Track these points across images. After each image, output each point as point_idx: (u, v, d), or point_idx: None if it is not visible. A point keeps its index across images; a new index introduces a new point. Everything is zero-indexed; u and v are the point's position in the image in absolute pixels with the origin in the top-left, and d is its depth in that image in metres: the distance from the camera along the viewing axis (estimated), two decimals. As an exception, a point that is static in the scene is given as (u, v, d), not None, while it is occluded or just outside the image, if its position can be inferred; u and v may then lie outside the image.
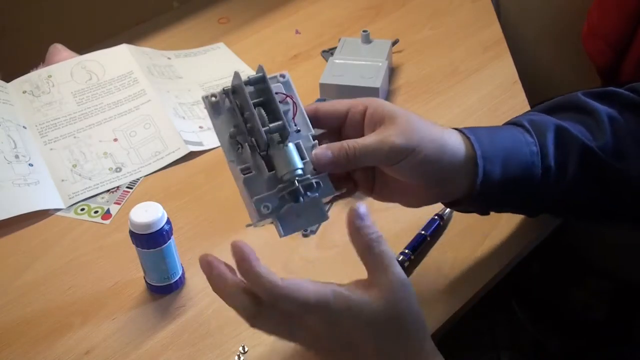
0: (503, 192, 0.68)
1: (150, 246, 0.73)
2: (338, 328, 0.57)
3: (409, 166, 0.62)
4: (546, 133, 0.69)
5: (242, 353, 0.72)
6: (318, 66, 1.10)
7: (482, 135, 0.67)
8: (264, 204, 0.61)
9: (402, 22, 1.22)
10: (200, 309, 0.77)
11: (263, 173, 0.61)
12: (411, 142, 0.61)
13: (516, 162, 0.67)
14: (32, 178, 0.92)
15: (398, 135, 0.61)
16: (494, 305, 1.08)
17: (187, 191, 0.92)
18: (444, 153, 0.64)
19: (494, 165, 0.66)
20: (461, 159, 0.65)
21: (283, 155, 0.60)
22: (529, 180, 0.68)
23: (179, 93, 1.07)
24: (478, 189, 0.66)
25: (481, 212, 0.74)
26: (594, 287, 1.13)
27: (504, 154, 0.67)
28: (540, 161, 0.68)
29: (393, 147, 0.61)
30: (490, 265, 0.80)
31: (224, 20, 1.27)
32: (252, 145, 0.61)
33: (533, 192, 0.69)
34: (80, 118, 1.01)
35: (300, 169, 0.60)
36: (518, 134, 0.69)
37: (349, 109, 0.65)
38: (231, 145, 0.62)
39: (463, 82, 1.07)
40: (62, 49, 1.09)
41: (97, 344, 0.74)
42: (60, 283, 0.81)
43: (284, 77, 0.65)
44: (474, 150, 0.65)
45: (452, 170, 0.65)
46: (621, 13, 1.20)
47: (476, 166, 0.65)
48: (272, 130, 0.60)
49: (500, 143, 0.67)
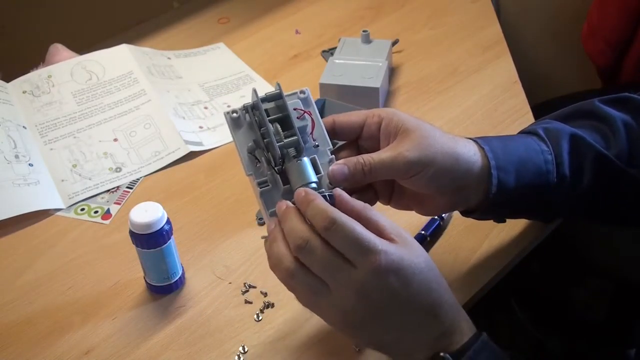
0: (517, 200, 0.69)
1: (150, 246, 0.73)
2: (387, 280, 0.56)
3: (424, 179, 0.64)
4: (561, 141, 0.70)
5: (242, 353, 0.72)
6: (318, 66, 1.10)
7: (495, 145, 0.68)
8: None
9: (402, 22, 1.22)
10: (200, 309, 0.77)
11: (279, 186, 0.63)
12: (425, 157, 0.63)
13: (530, 170, 0.68)
14: (32, 178, 0.92)
15: (412, 150, 0.63)
16: (494, 305, 1.09)
17: (187, 191, 0.92)
18: (458, 165, 0.65)
19: (508, 174, 0.67)
20: (475, 169, 0.66)
21: (297, 169, 0.62)
22: (543, 188, 0.69)
23: (179, 93, 1.07)
24: (492, 198, 0.67)
25: (497, 220, 0.75)
26: (594, 287, 1.13)
27: (518, 163, 0.68)
28: (556, 169, 0.69)
29: (407, 163, 0.63)
30: (490, 265, 0.80)
31: (224, 20, 1.27)
32: (268, 160, 0.63)
33: (548, 200, 0.70)
34: (80, 118, 1.01)
35: (315, 182, 0.62)
36: (532, 142, 0.70)
37: (364, 120, 0.67)
38: (250, 160, 0.65)
39: (463, 82, 1.07)
40: (62, 49, 1.09)
41: (97, 344, 0.74)
42: (60, 283, 0.81)
43: (304, 94, 0.67)
44: (488, 160, 0.66)
45: (466, 180, 0.66)
46: (621, 13, 1.20)
47: (490, 176, 0.66)
48: (286, 145, 0.63)
49: (514, 152, 0.68)
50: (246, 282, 0.79)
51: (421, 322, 0.58)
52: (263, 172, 0.64)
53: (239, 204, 0.90)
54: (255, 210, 0.87)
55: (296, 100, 0.66)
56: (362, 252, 0.56)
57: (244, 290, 0.78)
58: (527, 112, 0.99)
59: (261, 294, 0.77)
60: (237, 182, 0.93)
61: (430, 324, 0.58)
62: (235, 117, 0.65)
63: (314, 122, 0.66)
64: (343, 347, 0.71)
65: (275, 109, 0.65)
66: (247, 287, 0.78)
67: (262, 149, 0.64)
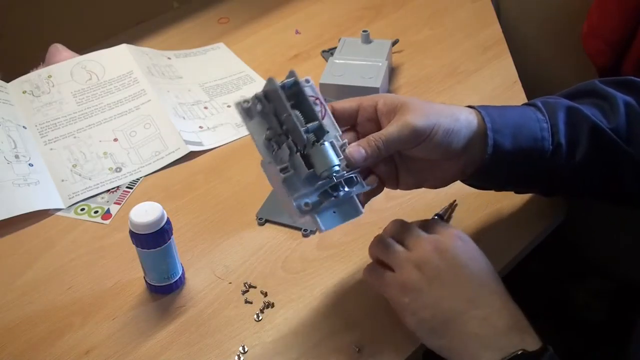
0: (513, 163, 0.71)
1: (150, 246, 0.73)
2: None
3: (433, 142, 0.67)
4: (557, 112, 0.72)
5: (242, 353, 0.72)
6: (318, 66, 1.10)
7: (492, 111, 0.71)
8: (304, 201, 0.64)
9: (402, 22, 1.22)
10: (200, 309, 0.77)
11: (301, 171, 0.64)
12: (430, 121, 0.66)
13: (526, 135, 0.70)
14: (32, 178, 0.92)
15: (416, 117, 0.66)
16: (494, 305, 1.08)
17: (187, 191, 0.92)
18: (460, 124, 0.68)
19: (503, 137, 0.69)
20: (474, 130, 0.69)
21: (321, 154, 0.64)
22: (539, 153, 0.70)
23: (179, 93, 1.07)
24: (488, 159, 0.69)
25: (497, 188, 0.77)
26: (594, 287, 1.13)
27: (514, 127, 0.70)
28: (551, 137, 0.70)
29: (415, 129, 0.66)
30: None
31: (224, 20, 1.27)
32: (290, 146, 0.64)
33: (544, 167, 0.71)
34: (80, 118, 1.01)
35: (338, 165, 0.64)
36: (529, 111, 0.72)
37: (359, 104, 0.69)
38: (267, 147, 0.66)
39: (463, 82, 1.07)
40: (62, 49, 1.09)
41: (97, 344, 0.74)
42: (60, 283, 0.81)
43: (308, 82, 0.68)
44: (484, 123, 0.69)
45: (470, 140, 0.69)
46: (621, 13, 1.20)
47: (487, 137, 0.69)
48: (309, 130, 0.64)
49: (510, 118, 0.71)
50: (246, 282, 0.79)
51: (488, 301, 0.65)
52: (282, 159, 0.65)
53: (239, 204, 0.90)
54: (255, 210, 0.87)
55: (307, 87, 0.67)
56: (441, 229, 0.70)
57: (244, 290, 0.78)
58: (527, 112, 0.99)
59: (261, 294, 0.77)
60: (237, 182, 0.93)
61: (498, 312, 0.64)
62: (247, 106, 0.66)
63: (325, 109, 0.67)
64: (343, 347, 0.71)
65: (288, 97, 0.65)
66: (247, 287, 0.78)
67: (280, 135, 0.65)
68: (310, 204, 0.64)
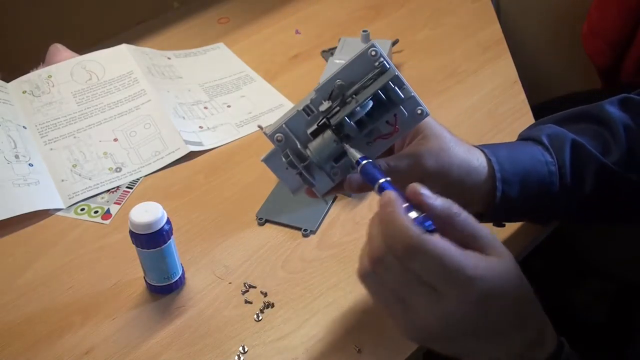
0: (520, 209, 0.71)
1: (150, 246, 0.73)
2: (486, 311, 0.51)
3: (437, 185, 0.63)
4: (564, 149, 0.72)
5: (242, 353, 0.72)
6: (318, 66, 1.10)
7: (502, 156, 0.70)
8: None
9: (401, 22, 1.22)
10: (200, 309, 0.77)
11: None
12: (442, 169, 0.66)
13: (534, 181, 0.70)
14: (32, 178, 0.92)
15: (429, 157, 0.65)
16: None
17: (187, 191, 0.92)
18: (470, 178, 0.68)
19: (512, 186, 0.69)
20: (483, 179, 0.68)
21: (326, 145, 0.62)
22: (546, 196, 0.71)
23: (179, 93, 1.07)
24: (495, 209, 0.69)
25: (496, 224, 0.76)
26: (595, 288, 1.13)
27: (523, 175, 0.70)
28: (559, 180, 0.71)
29: (424, 170, 0.65)
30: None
31: (224, 20, 1.27)
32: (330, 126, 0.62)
33: (549, 207, 0.72)
34: (80, 118, 1.01)
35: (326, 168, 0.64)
36: (537, 153, 0.72)
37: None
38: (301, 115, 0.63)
39: (463, 82, 1.07)
40: (62, 49, 1.09)
41: (97, 344, 0.74)
42: (60, 283, 0.81)
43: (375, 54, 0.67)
44: (494, 172, 0.69)
45: (473, 190, 0.68)
46: (621, 13, 1.20)
47: (495, 188, 0.69)
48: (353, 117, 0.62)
49: (520, 164, 0.70)
50: (246, 282, 0.79)
51: (509, 336, 0.54)
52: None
53: (239, 204, 0.90)
54: (255, 210, 0.87)
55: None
56: (451, 282, 0.50)
57: (244, 290, 0.78)
58: (527, 112, 0.99)
59: (261, 294, 0.77)
60: (237, 182, 0.93)
61: (519, 338, 0.54)
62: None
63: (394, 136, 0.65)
64: (343, 347, 0.71)
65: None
66: (247, 287, 0.78)
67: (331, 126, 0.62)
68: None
